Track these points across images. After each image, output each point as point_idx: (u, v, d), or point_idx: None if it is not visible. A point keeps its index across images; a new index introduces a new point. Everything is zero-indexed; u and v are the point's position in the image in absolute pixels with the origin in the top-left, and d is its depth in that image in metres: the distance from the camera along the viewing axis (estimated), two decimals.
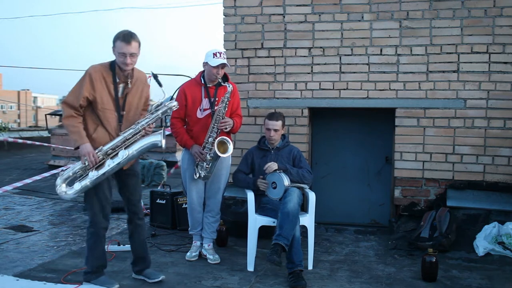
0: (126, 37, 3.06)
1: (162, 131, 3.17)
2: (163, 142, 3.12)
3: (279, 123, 3.85)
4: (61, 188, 3.08)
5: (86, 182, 3.05)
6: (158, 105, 3.16)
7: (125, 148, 3.08)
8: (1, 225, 4.97)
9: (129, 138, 3.10)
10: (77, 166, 3.08)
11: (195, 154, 3.74)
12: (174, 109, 3.26)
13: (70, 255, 3.95)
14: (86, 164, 3.04)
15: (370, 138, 4.85)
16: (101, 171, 3.05)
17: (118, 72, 3.11)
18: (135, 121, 3.16)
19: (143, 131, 3.11)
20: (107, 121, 3.09)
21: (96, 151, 3.03)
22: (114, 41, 3.08)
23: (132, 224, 3.32)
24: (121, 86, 3.13)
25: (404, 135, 4.44)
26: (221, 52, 3.77)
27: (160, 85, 3.16)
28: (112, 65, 3.12)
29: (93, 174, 3.04)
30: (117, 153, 3.07)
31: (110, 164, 3.06)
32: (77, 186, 3.05)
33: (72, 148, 8.75)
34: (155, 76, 3.18)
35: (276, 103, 4.69)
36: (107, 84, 3.07)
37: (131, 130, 3.11)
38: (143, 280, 3.35)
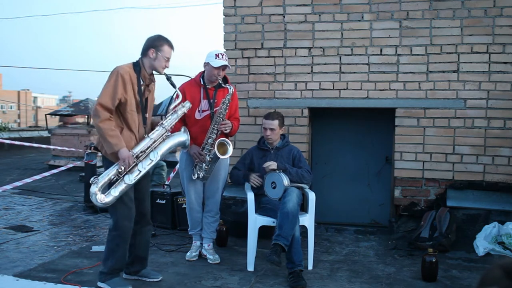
0: (172, 44, 3.17)
1: (185, 130, 3.31)
2: (189, 140, 3.30)
3: (275, 122, 3.85)
4: (99, 196, 2.95)
5: (122, 186, 3.00)
6: (175, 106, 3.24)
7: (154, 150, 3.10)
8: (1, 225, 4.97)
9: (157, 140, 3.13)
10: (111, 171, 3.00)
11: (194, 154, 3.74)
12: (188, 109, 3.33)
13: (70, 255, 3.95)
14: (123, 168, 2.99)
15: (370, 138, 4.85)
16: (135, 174, 3.03)
17: (144, 74, 3.14)
18: (151, 122, 3.25)
19: (166, 132, 3.16)
20: (134, 123, 3.09)
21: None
22: (159, 43, 3.11)
23: (139, 224, 3.27)
24: (142, 88, 3.15)
25: (404, 135, 4.44)
26: (223, 54, 3.77)
27: (174, 86, 3.27)
28: (136, 66, 3.11)
29: (130, 178, 3.01)
30: (148, 155, 3.08)
31: (145, 167, 3.07)
32: (114, 192, 2.98)
33: (73, 149, 8.66)
34: (168, 78, 3.25)
35: (276, 103, 4.69)
36: (133, 86, 3.07)
37: (157, 132, 3.14)
38: (141, 280, 3.34)
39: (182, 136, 3.26)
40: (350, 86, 4.54)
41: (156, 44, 3.13)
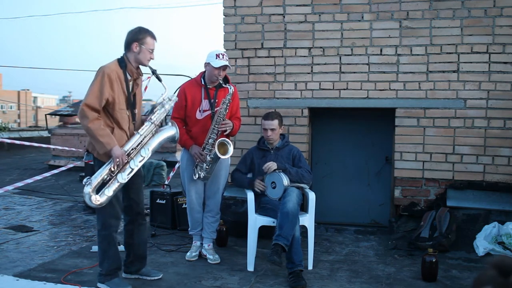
0: (154, 34, 3.12)
1: (173, 123, 3.25)
2: (178, 133, 3.23)
3: (275, 122, 3.85)
4: (93, 197, 2.91)
5: (115, 185, 2.98)
6: (162, 100, 3.19)
7: (144, 146, 3.07)
8: (1, 225, 4.98)
9: (146, 136, 3.09)
10: (104, 171, 2.95)
11: (195, 154, 3.74)
12: (175, 102, 3.29)
13: (70, 255, 3.95)
14: (116, 167, 2.95)
15: (370, 138, 4.85)
16: (128, 172, 3.00)
17: (131, 69, 3.09)
18: (141, 118, 3.21)
19: (155, 127, 3.13)
20: (124, 121, 3.06)
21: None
22: (141, 36, 3.06)
23: (134, 224, 3.28)
24: (130, 83, 3.12)
25: (404, 135, 4.44)
26: (223, 54, 3.76)
27: (159, 80, 3.20)
28: (121, 62, 3.06)
29: (123, 177, 2.98)
30: (139, 152, 3.05)
31: (136, 164, 3.04)
32: (108, 191, 2.94)
33: (73, 149, 8.64)
34: (153, 72, 3.18)
35: (276, 103, 4.69)
36: (121, 83, 3.03)
37: (146, 128, 3.10)
38: (142, 279, 3.35)
39: (171, 130, 3.21)
40: (350, 86, 4.54)
41: (138, 37, 3.08)
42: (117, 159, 2.94)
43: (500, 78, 4.23)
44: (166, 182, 5.56)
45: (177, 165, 6.18)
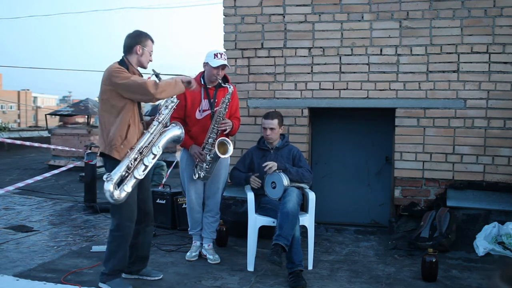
0: (152, 37, 3.24)
1: (177, 124, 3.31)
2: (183, 134, 3.31)
3: (275, 121, 3.85)
4: (115, 193, 2.94)
5: (132, 181, 3.02)
6: (165, 102, 3.26)
7: (154, 144, 3.13)
8: (1, 225, 4.97)
9: (156, 134, 3.16)
10: (122, 168, 2.99)
11: (194, 154, 3.75)
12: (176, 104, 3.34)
13: (70, 255, 3.95)
14: (193, 87, 3.23)
15: (370, 138, 4.85)
16: (143, 169, 3.05)
17: (132, 70, 3.16)
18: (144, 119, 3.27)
19: (162, 126, 3.19)
20: (137, 119, 3.14)
21: (134, 149, 3.04)
22: (143, 39, 3.17)
23: (141, 224, 3.27)
24: None
25: (404, 135, 4.44)
26: (222, 53, 3.77)
27: None
28: (122, 64, 3.14)
29: (139, 173, 3.04)
30: (150, 150, 3.11)
31: (150, 161, 3.09)
32: (127, 187, 2.99)
33: (73, 149, 8.66)
34: (156, 75, 3.25)
35: (276, 103, 4.69)
36: None
37: (154, 127, 3.16)
38: (142, 279, 3.35)
39: (178, 130, 3.28)
40: (350, 86, 4.54)
41: (141, 40, 3.18)
42: (191, 83, 3.17)
43: (500, 78, 4.23)
44: (165, 179, 5.55)
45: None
